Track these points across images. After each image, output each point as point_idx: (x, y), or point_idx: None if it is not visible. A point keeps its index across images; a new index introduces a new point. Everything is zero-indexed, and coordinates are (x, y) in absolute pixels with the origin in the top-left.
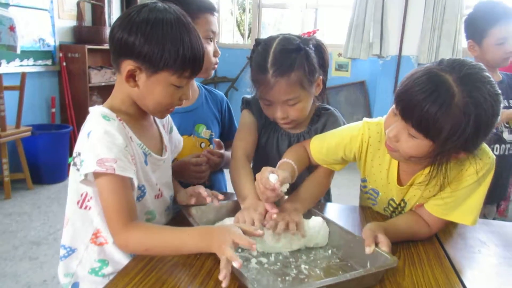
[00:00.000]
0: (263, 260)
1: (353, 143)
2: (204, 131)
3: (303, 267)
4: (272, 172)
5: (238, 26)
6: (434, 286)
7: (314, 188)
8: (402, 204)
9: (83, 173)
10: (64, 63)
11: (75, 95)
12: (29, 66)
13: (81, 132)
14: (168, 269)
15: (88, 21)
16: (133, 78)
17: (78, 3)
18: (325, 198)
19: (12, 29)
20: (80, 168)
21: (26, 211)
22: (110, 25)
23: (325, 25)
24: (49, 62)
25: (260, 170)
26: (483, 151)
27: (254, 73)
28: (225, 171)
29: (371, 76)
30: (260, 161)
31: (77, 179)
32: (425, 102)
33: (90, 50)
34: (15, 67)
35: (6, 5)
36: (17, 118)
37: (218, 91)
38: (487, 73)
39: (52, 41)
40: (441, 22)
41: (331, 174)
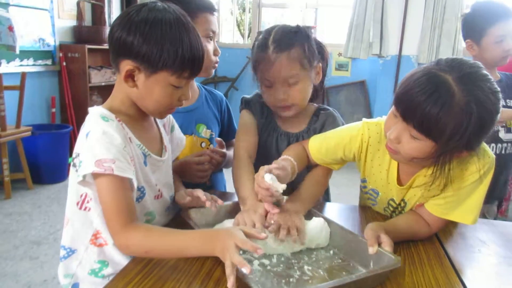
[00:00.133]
0: (265, 261)
1: (352, 143)
2: (204, 131)
3: (306, 268)
4: (269, 170)
5: (238, 26)
6: (434, 285)
7: (314, 188)
8: (402, 204)
9: (82, 174)
10: (64, 63)
11: (75, 95)
12: (29, 66)
13: (80, 133)
14: (167, 270)
15: (88, 21)
16: (131, 78)
17: (78, 3)
18: (324, 197)
19: (10, 29)
20: (79, 169)
21: (27, 211)
22: (110, 25)
23: (325, 24)
24: (49, 62)
25: (258, 170)
26: (483, 150)
27: (255, 55)
28: (225, 171)
29: (371, 76)
30: (259, 161)
31: (76, 180)
32: (426, 103)
33: (90, 50)
34: (15, 67)
35: (6, 5)
36: (17, 118)
37: (217, 91)
38: (485, 71)
39: (52, 41)
40: (441, 21)
41: (329, 173)
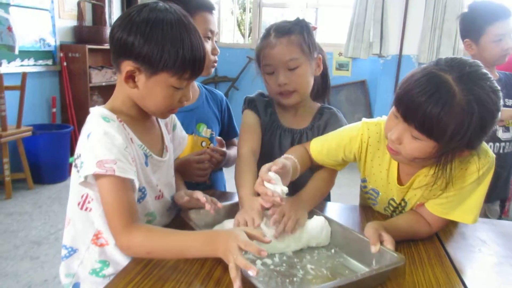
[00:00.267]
0: (267, 261)
1: (352, 144)
2: (205, 130)
3: (309, 267)
4: (269, 170)
5: (239, 26)
6: (435, 285)
7: (319, 184)
8: (403, 204)
9: (83, 175)
10: (65, 63)
11: (75, 95)
12: (29, 66)
13: (81, 133)
14: (168, 270)
15: (88, 21)
16: (132, 79)
17: (79, 3)
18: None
19: (10, 29)
20: (80, 170)
21: (27, 211)
22: (110, 25)
23: (325, 24)
24: (49, 62)
25: (262, 167)
26: (483, 150)
27: (258, 45)
28: (225, 170)
29: (372, 76)
30: (263, 158)
31: (77, 181)
32: (426, 104)
33: (91, 50)
34: (16, 67)
35: (7, 5)
36: (18, 118)
37: (217, 90)
38: (485, 70)
39: (52, 41)
40: (441, 21)
41: (335, 172)
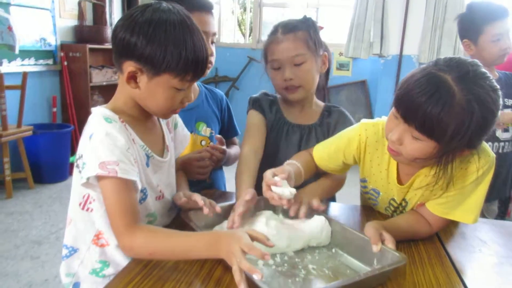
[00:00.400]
0: (269, 261)
1: (351, 146)
2: (204, 129)
3: (310, 267)
4: (274, 174)
5: (239, 26)
6: (435, 285)
7: (324, 182)
8: (403, 204)
9: (85, 177)
10: (65, 63)
11: (76, 94)
12: (30, 66)
13: (83, 133)
14: (168, 270)
15: (89, 20)
16: (134, 79)
17: (79, 3)
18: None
19: (10, 29)
20: (82, 171)
21: (28, 210)
22: (111, 25)
23: (326, 24)
24: (50, 61)
25: (269, 164)
26: (483, 149)
27: (265, 42)
28: (225, 169)
29: (372, 76)
30: (269, 156)
31: (79, 182)
32: (427, 104)
33: (91, 50)
34: (17, 66)
35: (7, 5)
36: (19, 118)
37: (217, 89)
38: (484, 69)
39: (53, 41)
40: (442, 21)
41: (343, 176)
